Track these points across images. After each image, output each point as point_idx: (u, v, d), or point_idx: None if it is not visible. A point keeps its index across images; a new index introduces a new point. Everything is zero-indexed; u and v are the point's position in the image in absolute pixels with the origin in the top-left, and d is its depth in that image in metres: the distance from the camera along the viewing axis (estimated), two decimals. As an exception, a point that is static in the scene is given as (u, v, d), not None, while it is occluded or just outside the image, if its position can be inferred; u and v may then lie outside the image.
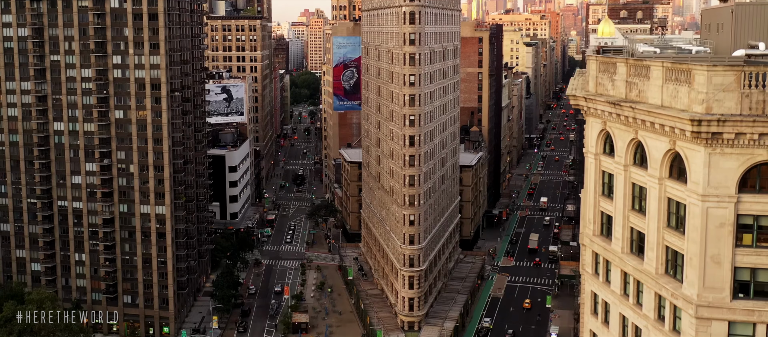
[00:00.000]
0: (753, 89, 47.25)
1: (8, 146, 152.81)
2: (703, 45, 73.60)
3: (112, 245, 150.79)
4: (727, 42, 69.52)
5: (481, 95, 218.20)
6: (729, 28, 68.85)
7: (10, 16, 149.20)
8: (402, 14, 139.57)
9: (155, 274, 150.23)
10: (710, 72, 48.12)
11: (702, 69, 48.75)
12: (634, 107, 53.89)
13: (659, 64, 54.78)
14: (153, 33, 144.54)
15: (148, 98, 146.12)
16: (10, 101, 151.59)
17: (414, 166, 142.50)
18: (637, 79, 59.39)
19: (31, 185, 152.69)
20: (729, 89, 47.96)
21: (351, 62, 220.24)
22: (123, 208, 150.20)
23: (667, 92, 51.89)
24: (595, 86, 68.00)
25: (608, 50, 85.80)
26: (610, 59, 63.86)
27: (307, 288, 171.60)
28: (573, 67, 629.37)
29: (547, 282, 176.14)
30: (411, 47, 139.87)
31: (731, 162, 47.37)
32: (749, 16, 67.79)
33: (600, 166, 60.07)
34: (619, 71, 62.29)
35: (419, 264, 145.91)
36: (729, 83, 48.08)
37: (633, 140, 54.41)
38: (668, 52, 70.17)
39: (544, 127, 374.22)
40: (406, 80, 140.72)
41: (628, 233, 54.89)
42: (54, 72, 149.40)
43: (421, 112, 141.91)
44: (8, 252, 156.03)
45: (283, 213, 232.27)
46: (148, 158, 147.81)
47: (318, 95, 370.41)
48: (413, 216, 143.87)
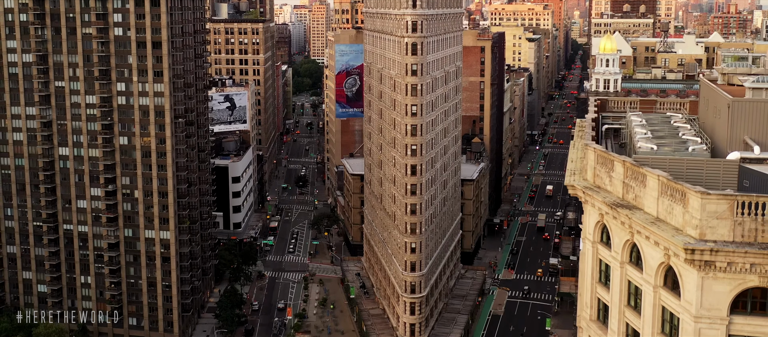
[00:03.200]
0: (746, 217, 48.69)
1: (14, 170, 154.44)
2: (698, 130, 74.64)
3: (117, 269, 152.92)
4: (723, 130, 70.46)
5: (483, 104, 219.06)
6: (725, 117, 69.82)
7: (15, 42, 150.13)
8: (404, 45, 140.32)
9: (160, 297, 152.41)
10: (704, 200, 49.45)
11: (696, 195, 50.01)
12: (631, 217, 55.24)
13: (655, 176, 56.12)
14: (157, 61, 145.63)
15: (151, 125, 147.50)
16: (16, 126, 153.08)
17: (416, 194, 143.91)
18: (634, 183, 60.59)
19: (36, 208, 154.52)
20: (722, 217, 49.31)
21: (353, 70, 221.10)
22: (128, 232, 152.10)
23: (662, 205, 53.22)
24: (593, 177, 69.12)
25: (613, 125, 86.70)
26: (608, 156, 64.87)
27: (310, 304, 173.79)
28: (576, 51, 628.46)
29: (547, 298, 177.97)
30: (413, 78, 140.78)
31: (724, 286, 48.88)
32: (746, 112, 68.70)
33: (597, 254, 61.43)
34: (616, 170, 63.45)
35: (420, 290, 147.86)
36: (722, 211, 49.39)
37: (629, 241, 55.89)
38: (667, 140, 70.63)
39: (546, 121, 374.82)
40: (408, 110, 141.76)
41: (623, 327, 56.49)
42: (58, 98, 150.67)
43: (422, 141, 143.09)
44: (15, 273, 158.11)
45: (286, 218, 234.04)
46: (152, 184, 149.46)
47: (320, 84, 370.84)
48: (414, 244, 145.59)
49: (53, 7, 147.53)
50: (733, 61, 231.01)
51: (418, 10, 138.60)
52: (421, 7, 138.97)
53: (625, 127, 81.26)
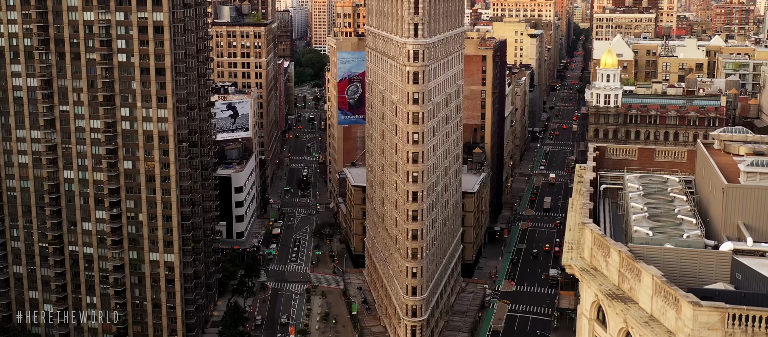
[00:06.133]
0: (737, 329, 50.67)
1: (19, 192, 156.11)
2: (693, 207, 76.04)
3: (122, 290, 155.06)
4: (718, 211, 71.94)
5: (484, 113, 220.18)
6: (720, 201, 71.32)
7: (20, 67, 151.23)
8: (406, 73, 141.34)
9: (164, 318, 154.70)
10: (696, 311, 51.21)
11: (688, 305, 51.76)
12: (626, 311, 57.23)
13: (650, 275, 57.89)
14: (160, 87, 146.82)
15: (155, 150, 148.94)
16: (21, 149, 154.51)
17: (417, 220, 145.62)
18: (630, 275, 62.37)
19: (42, 229, 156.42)
20: (714, 328, 51.23)
21: (355, 77, 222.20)
22: (133, 254, 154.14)
23: (656, 304, 55.08)
24: (590, 257, 70.84)
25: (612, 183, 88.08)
26: (605, 241, 66.66)
27: (312, 319, 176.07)
28: (578, 35, 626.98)
29: (546, 311, 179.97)
30: (414, 106, 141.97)
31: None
32: (740, 198, 70.15)
33: (593, 331, 63.57)
34: (612, 256, 65.13)
35: (421, 314, 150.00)
36: (714, 323, 51.28)
37: (624, 329, 57.77)
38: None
39: (548, 116, 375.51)
40: (409, 138, 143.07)
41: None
42: (63, 122, 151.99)
43: (424, 168, 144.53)
44: (21, 293, 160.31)
45: (288, 223, 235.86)
46: (156, 208, 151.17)
47: (322, 74, 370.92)
48: (416, 269, 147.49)
49: (57, 32, 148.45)
50: (734, 67, 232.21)
51: (419, 40, 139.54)
52: (423, 36, 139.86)
53: (622, 195, 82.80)
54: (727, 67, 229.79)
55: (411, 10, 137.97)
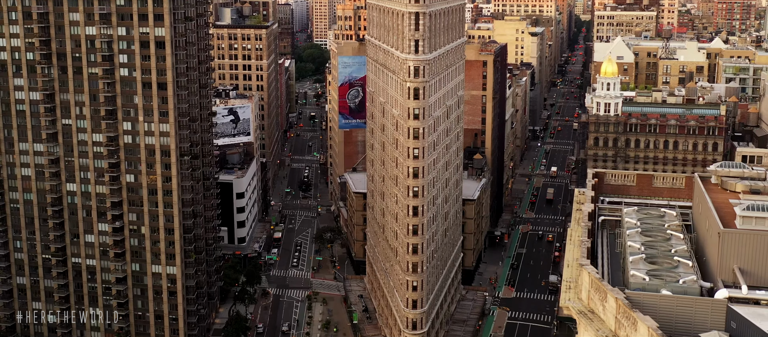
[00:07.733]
0: None
1: (22, 204, 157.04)
2: (690, 247, 76.94)
3: (125, 302, 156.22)
4: (714, 254, 72.86)
5: (484, 117, 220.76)
6: (716, 244, 72.26)
7: (22, 80, 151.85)
8: (406, 89, 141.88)
9: (167, 330, 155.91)
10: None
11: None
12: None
13: (646, 327, 59.18)
14: (162, 102, 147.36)
15: (158, 164, 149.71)
16: (24, 161, 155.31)
17: (418, 234, 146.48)
18: (626, 323, 63.63)
19: (45, 241, 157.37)
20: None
21: (356, 81, 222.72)
22: (135, 267, 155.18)
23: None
24: (587, 300, 71.98)
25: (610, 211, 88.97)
26: (602, 286, 67.80)
27: (314, 327, 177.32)
28: (579, 28, 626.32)
29: (546, 319, 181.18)
30: (415, 122, 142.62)
31: None
32: (736, 243, 71.02)
33: None
34: (609, 302, 66.37)
35: (422, 326, 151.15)
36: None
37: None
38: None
39: (549, 113, 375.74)
40: (410, 153, 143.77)
41: None
42: (66, 135, 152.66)
43: (424, 183, 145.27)
44: (24, 304, 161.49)
45: (290, 226, 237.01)
46: (158, 221, 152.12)
47: (323, 69, 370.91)
48: (416, 282, 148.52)
49: (59, 47, 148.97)
50: (735, 71, 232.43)
51: (420, 56, 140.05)
52: (424, 52, 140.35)
53: (620, 231, 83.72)
54: (728, 71, 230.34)
55: (412, 27, 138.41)
